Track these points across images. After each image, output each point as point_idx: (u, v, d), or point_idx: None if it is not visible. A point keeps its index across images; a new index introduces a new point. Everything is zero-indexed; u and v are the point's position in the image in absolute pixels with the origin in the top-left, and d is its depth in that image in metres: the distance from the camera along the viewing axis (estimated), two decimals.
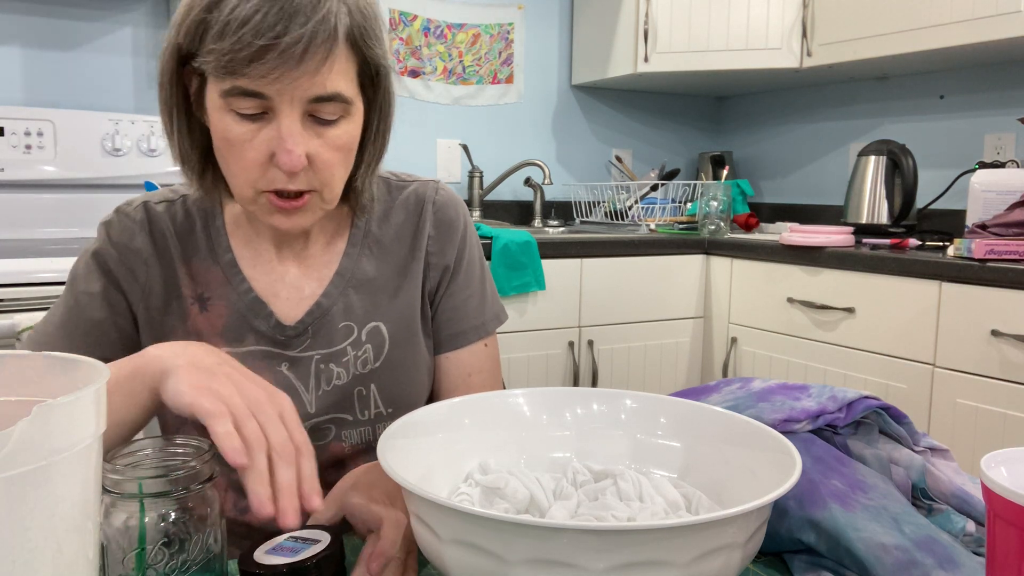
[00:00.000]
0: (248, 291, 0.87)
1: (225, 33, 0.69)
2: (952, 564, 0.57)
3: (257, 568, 0.56)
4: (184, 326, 0.87)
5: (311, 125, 0.76)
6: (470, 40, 2.84)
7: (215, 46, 0.70)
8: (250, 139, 0.75)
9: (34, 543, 0.36)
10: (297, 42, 0.69)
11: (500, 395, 0.72)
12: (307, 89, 0.72)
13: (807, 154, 2.98)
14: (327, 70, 0.72)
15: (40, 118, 2.08)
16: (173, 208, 0.89)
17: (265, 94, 0.72)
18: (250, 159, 0.75)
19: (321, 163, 0.77)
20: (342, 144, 0.78)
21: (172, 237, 0.88)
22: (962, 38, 2.07)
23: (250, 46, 0.69)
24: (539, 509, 0.61)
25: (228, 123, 0.75)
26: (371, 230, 0.92)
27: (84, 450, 0.39)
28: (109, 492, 0.52)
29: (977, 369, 1.78)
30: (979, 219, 1.94)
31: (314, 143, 0.76)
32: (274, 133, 0.74)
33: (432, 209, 0.94)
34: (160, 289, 0.87)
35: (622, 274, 2.34)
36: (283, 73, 0.70)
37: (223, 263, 0.88)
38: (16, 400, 0.46)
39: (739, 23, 2.56)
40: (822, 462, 0.66)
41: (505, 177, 2.76)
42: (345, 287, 0.90)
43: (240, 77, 0.71)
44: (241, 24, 0.68)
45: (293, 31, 0.69)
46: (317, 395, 0.87)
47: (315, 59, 0.71)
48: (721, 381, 0.83)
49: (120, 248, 0.87)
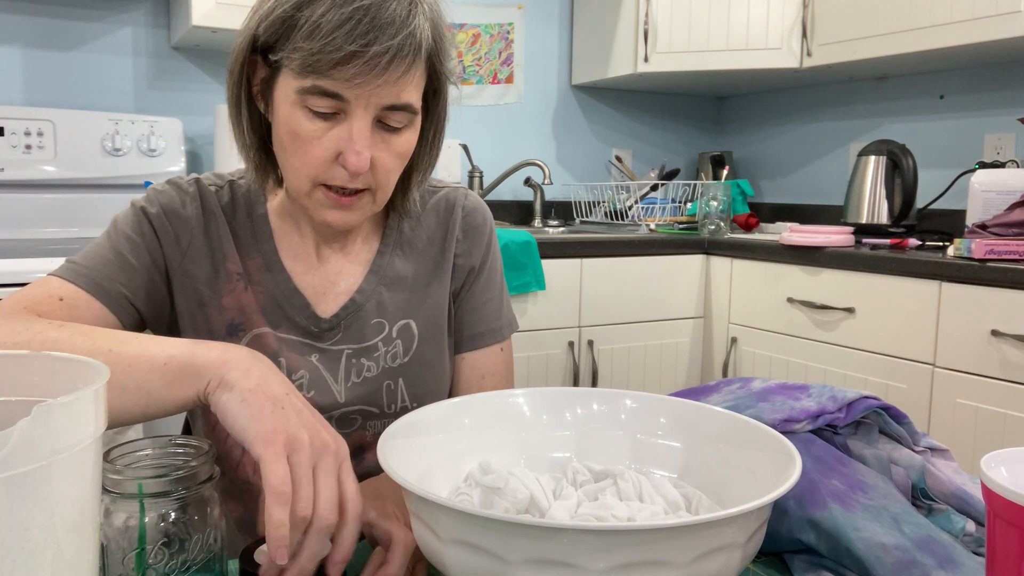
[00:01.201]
0: (287, 280, 0.89)
1: (315, 34, 0.72)
2: (952, 564, 0.57)
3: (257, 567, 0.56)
4: (222, 299, 0.88)
5: (379, 131, 0.79)
6: (470, 40, 2.84)
7: (303, 44, 0.72)
8: (319, 136, 0.77)
9: (34, 543, 0.36)
10: (385, 53, 0.72)
11: (500, 395, 0.72)
12: (383, 97, 0.75)
13: (807, 154, 2.98)
14: (405, 82, 0.76)
15: (40, 118, 2.08)
16: (222, 190, 0.92)
17: (343, 96, 0.75)
18: (316, 156, 0.78)
19: (381, 167, 0.80)
20: (403, 151, 0.81)
21: (221, 214, 0.90)
22: (962, 38, 2.07)
23: (339, 50, 0.71)
24: (539, 509, 0.61)
25: (299, 118, 0.77)
26: (404, 231, 0.96)
27: (84, 450, 0.39)
28: (109, 492, 0.52)
29: (977, 369, 1.78)
30: (979, 219, 1.94)
31: (379, 147, 0.79)
32: (344, 134, 0.77)
33: (461, 214, 0.98)
34: (205, 259, 0.88)
35: (622, 274, 2.34)
36: (366, 80, 0.73)
37: (264, 251, 0.90)
38: (16, 400, 0.46)
39: (739, 23, 2.56)
40: (822, 462, 0.66)
41: (505, 177, 2.76)
42: (378, 285, 0.92)
43: (323, 78, 0.73)
44: (334, 28, 0.71)
45: (382, 42, 0.72)
46: (347, 386, 0.90)
47: (398, 71, 0.74)
48: (721, 381, 0.83)
49: (168, 211, 0.87)
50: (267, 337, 0.88)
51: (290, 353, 0.88)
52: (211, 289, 0.88)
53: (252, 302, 0.88)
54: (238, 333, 0.87)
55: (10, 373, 0.46)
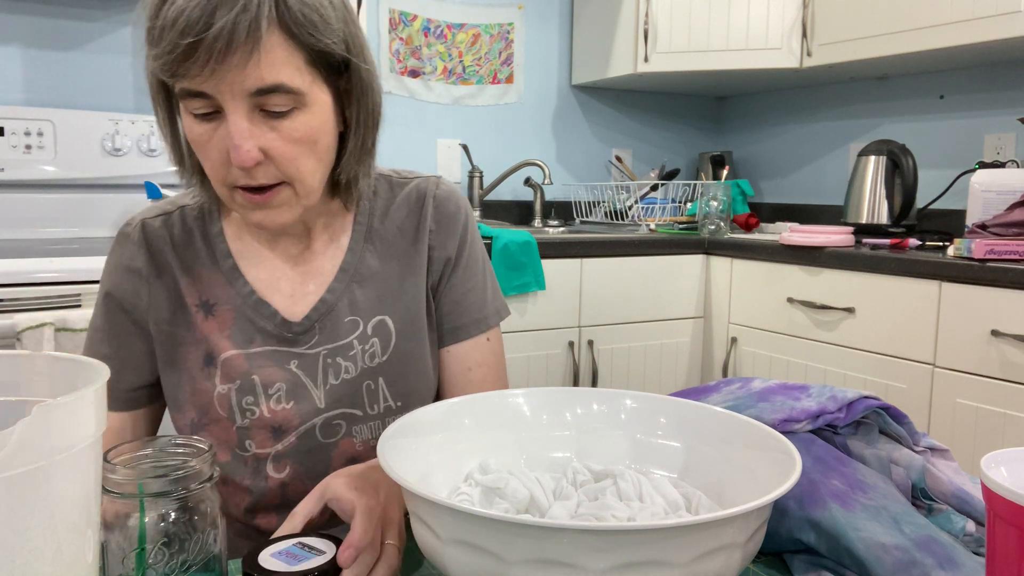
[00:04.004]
0: (251, 293, 0.88)
1: (161, 38, 0.70)
2: (952, 564, 0.57)
3: (260, 572, 0.56)
4: (192, 334, 0.88)
5: (264, 119, 0.75)
6: (470, 40, 2.84)
7: (154, 51, 0.72)
8: (209, 139, 0.76)
9: (34, 543, 0.36)
10: (219, 35, 0.69)
11: (500, 395, 0.72)
12: (243, 82, 0.72)
13: (807, 154, 2.98)
14: (257, 60, 0.72)
15: (40, 118, 2.08)
16: (170, 220, 0.91)
17: (207, 92, 0.73)
18: (213, 158, 0.77)
19: (279, 156, 0.77)
20: (300, 136, 0.77)
21: (170, 250, 0.89)
22: (962, 38, 2.07)
23: (178, 46, 0.69)
24: (539, 509, 0.61)
25: (190, 125, 0.76)
26: (374, 226, 0.93)
27: (84, 450, 0.39)
28: (109, 492, 0.52)
29: (977, 369, 1.78)
30: (979, 219, 1.94)
31: (268, 136, 0.76)
32: (226, 131, 0.75)
33: (433, 203, 0.95)
34: (164, 303, 0.88)
35: (622, 274, 2.34)
36: (214, 69, 0.71)
37: (224, 268, 0.89)
38: (16, 400, 0.46)
39: (739, 23, 2.56)
40: (822, 462, 0.66)
41: (505, 177, 2.76)
42: (349, 282, 0.91)
43: (180, 78, 0.72)
44: (171, 26, 0.70)
45: (215, 24, 0.69)
46: (326, 389, 0.88)
47: (242, 50, 0.71)
48: (721, 381, 0.83)
49: (123, 272, 0.89)
50: (235, 359, 0.87)
51: (265, 367, 0.87)
52: (180, 329, 0.88)
53: (215, 328, 0.87)
54: (212, 363, 0.87)
55: (10, 373, 0.46)
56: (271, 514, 0.89)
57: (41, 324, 1.52)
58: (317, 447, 0.88)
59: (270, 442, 0.87)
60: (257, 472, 0.88)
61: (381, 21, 2.68)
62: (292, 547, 0.60)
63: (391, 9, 2.69)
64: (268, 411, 0.87)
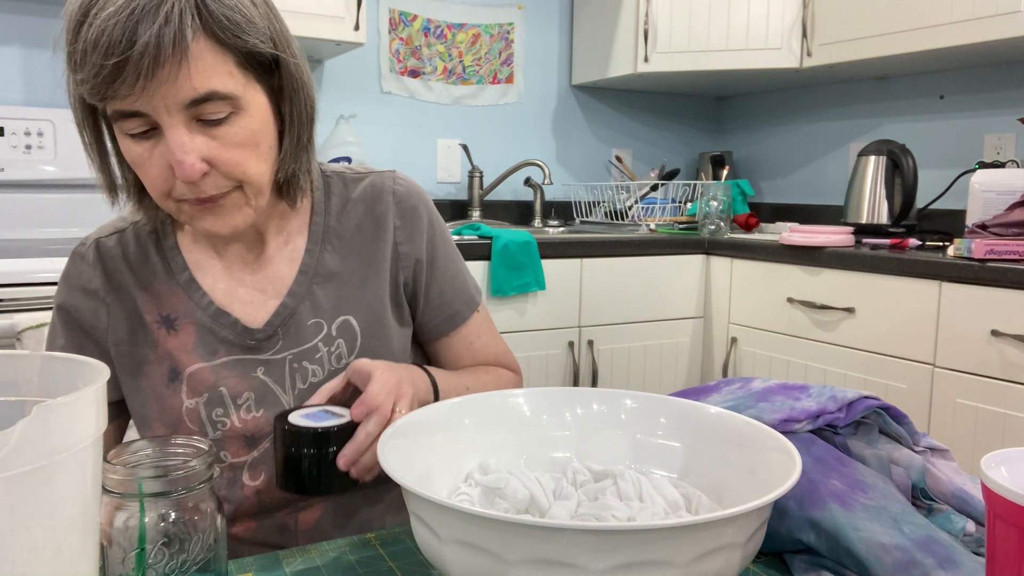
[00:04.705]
0: (209, 304, 0.87)
1: (84, 62, 0.69)
2: (952, 564, 0.57)
3: (289, 427, 0.68)
4: (155, 351, 0.87)
5: (202, 129, 0.74)
6: (470, 40, 2.84)
7: (80, 76, 0.70)
8: (148, 157, 0.74)
9: (34, 543, 0.36)
10: (145, 51, 0.67)
11: (500, 395, 0.72)
12: (176, 95, 0.71)
13: (807, 154, 2.98)
14: (187, 71, 0.70)
15: (40, 118, 2.08)
16: (124, 238, 0.90)
17: (141, 110, 0.71)
18: (155, 176, 0.75)
19: (223, 163, 0.75)
20: (241, 140, 0.76)
21: (126, 268, 0.88)
22: (962, 38, 2.07)
23: (103, 68, 0.68)
24: (539, 509, 0.61)
25: (127, 145, 0.75)
26: (330, 225, 0.92)
27: (84, 450, 0.39)
28: (109, 492, 0.52)
29: (977, 369, 1.78)
30: (979, 219, 1.94)
31: (209, 146, 0.74)
32: (166, 147, 0.73)
33: (394, 200, 0.93)
34: (123, 322, 0.87)
35: (622, 274, 2.34)
36: (145, 86, 0.69)
37: (181, 281, 0.88)
38: (16, 400, 0.46)
39: (739, 23, 2.56)
40: (822, 462, 0.66)
41: (505, 177, 2.76)
42: (310, 284, 0.89)
43: (110, 100, 0.71)
44: (92, 48, 0.68)
45: (139, 41, 0.67)
46: (295, 394, 0.88)
47: (170, 63, 0.69)
48: (721, 381, 0.83)
49: (80, 293, 0.88)
50: (201, 372, 0.86)
51: (230, 377, 0.86)
52: (142, 347, 0.87)
53: (178, 343, 0.86)
54: (177, 379, 0.86)
55: (10, 373, 0.46)
56: (249, 521, 0.88)
57: (41, 324, 1.52)
58: None
59: (244, 451, 0.87)
60: (233, 482, 0.87)
61: (381, 21, 2.68)
62: (317, 412, 0.71)
63: (391, 9, 2.69)
64: (239, 420, 0.86)
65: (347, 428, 0.69)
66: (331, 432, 0.68)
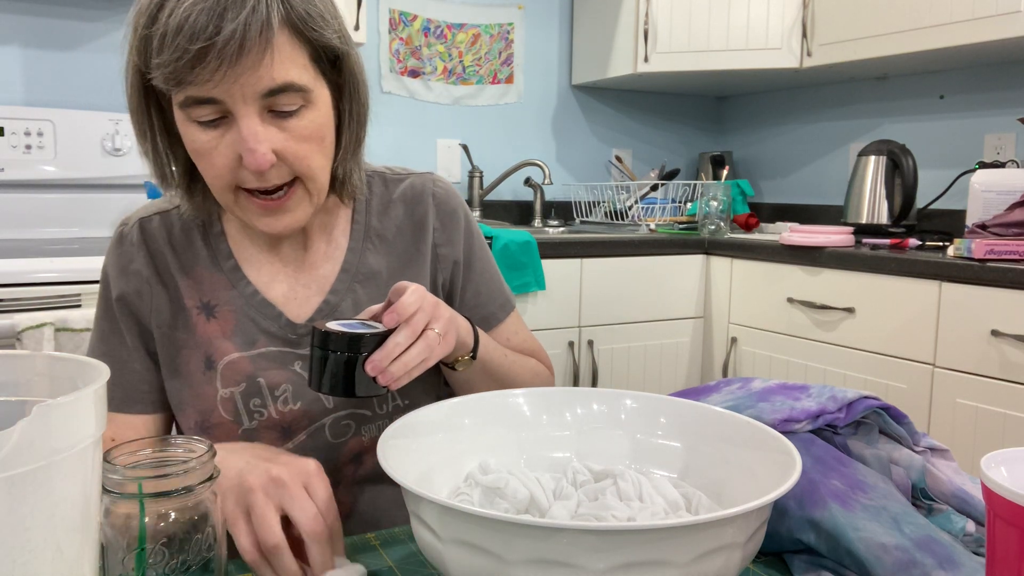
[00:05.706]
0: (255, 294, 0.88)
1: (164, 45, 0.69)
2: (952, 564, 0.57)
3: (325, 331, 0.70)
4: (192, 337, 0.87)
5: (273, 120, 0.75)
6: (470, 40, 2.84)
7: (158, 60, 0.70)
8: (215, 146, 0.75)
9: (34, 543, 0.36)
10: (231, 38, 0.68)
11: (500, 395, 0.72)
12: (255, 84, 0.72)
13: (807, 154, 2.98)
14: (270, 61, 0.71)
15: (40, 118, 2.08)
16: (169, 219, 0.90)
17: (217, 98, 0.72)
18: (220, 165, 0.75)
19: (292, 156, 0.76)
20: (309, 134, 0.77)
21: (169, 250, 0.88)
22: (962, 38, 2.07)
23: (187, 52, 0.68)
24: (539, 509, 0.61)
25: (193, 133, 0.75)
26: (372, 224, 0.93)
27: (84, 450, 0.39)
28: (109, 492, 0.52)
29: (977, 369, 1.78)
30: (979, 219, 1.94)
31: (279, 137, 0.75)
32: (236, 136, 0.74)
33: (434, 202, 0.95)
34: (165, 305, 0.88)
35: (622, 274, 2.34)
36: (226, 72, 0.70)
37: (226, 269, 0.88)
38: (16, 400, 0.46)
39: (739, 23, 2.56)
40: (822, 462, 0.66)
41: (505, 177, 2.76)
42: (351, 283, 0.90)
43: (188, 86, 0.71)
44: (176, 32, 0.68)
45: (226, 28, 0.68)
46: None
47: (254, 52, 0.70)
48: (721, 381, 0.83)
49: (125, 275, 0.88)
50: (239, 362, 0.86)
51: (270, 368, 0.86)
52: (181, 331, 0.87)
53: (218, 330, 0.87)
54: (214, 366, 0.86)
55: (10, 373, 0.46)
56: None
57: (41, 324, 1.52)
58: (326, 446, 0.88)
59: (279, 442, 0.87)
60: None
61: (381, 21, 2.68)
62: (355, 323, 0.73)
63: (391, 9, 2.69)
64: (276, 412, 0.87)
65: (378, 336, 0.71)
66: (363, 337, 0.70)
